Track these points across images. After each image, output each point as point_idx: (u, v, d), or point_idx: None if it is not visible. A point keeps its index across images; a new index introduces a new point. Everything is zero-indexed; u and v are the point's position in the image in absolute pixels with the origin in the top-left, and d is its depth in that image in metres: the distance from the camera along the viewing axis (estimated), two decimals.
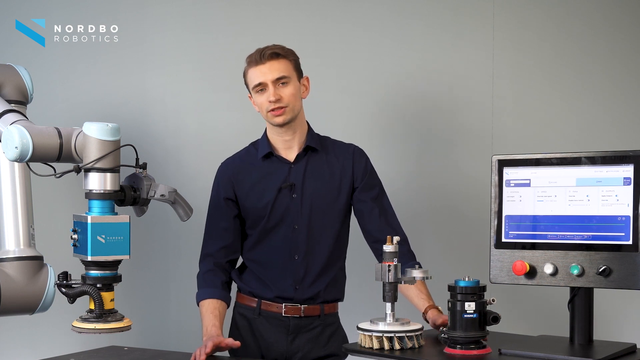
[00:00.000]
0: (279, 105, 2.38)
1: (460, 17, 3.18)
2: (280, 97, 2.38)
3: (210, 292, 2.41)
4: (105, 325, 1.99)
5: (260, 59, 2.38)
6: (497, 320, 1.96)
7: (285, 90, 2.39)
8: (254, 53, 2.41)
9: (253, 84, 2.41)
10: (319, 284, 2.45)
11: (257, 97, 2.41)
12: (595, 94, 3.19)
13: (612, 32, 3.18)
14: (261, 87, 2.39)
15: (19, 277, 2.25)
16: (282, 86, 2.39)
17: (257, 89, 2.40)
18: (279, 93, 2.38)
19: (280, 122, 2.40)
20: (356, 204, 2.49)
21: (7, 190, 2.34)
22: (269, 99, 2.37)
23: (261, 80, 2.38)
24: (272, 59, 2.38)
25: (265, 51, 2.38)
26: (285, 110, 2.39)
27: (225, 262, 2.48)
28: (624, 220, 1.93)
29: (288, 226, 2.44)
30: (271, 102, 2.37)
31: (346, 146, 2.53)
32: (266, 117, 2.42)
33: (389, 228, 2.44)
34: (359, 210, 2.49)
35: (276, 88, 2.37)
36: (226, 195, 2.48)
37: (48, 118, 2.56)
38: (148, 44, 3.18)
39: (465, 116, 3.19)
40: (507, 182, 2.09)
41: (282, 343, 2.45)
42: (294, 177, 2.46)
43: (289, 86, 2.40)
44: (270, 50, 2.39)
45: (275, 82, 2.38)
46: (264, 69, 2.38)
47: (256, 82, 2.39)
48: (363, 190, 2.48)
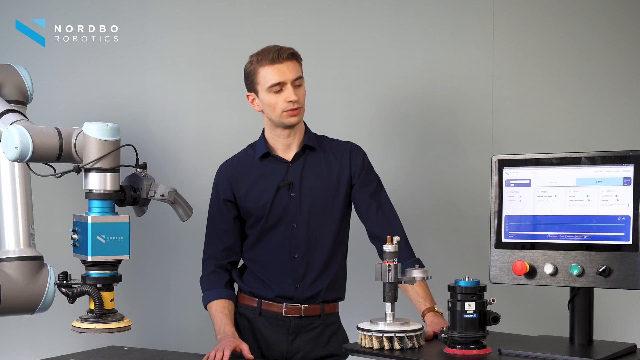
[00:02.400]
0: (298, 105, 2.37)
1: (460, 17, 3.18)
2: (298, 97, 2.37)
3: (217, 292, 2.42)
4: (105, 325, 1.99)
5: (278, 58, 2.35)
6: (497, 320, 1.96)
7: (300, 91, 2.39)
8: (267, 51, 2.37)
9: (269, 83, 2.36)
10: (319, 283, 2.45)
11: (271, 97, 2.37)
12: (595, 94, 3.19)
13: (612, 32, 3.18)
14: (280, 87, 2.36)
15: (19, 277, 2.25)
16: (297, 87, 2.38)
17: (274, 88, 2.36)
18: (298, 93, 2.37)
19: (295, 122, 2.40)
20: (354, 200, 2.49)
21: (7, 190, 2.34)
22: (288, 99, 2.35)
23: (281, 80, 2.35)
24: (290, 59, 2.37)
25: (282, 51, 2.36)
26: (300, 111, 2.39)
27: (227, 263, 2.50)
28: (624, 221, 1.93)
29: (287, 225, 2.44)
30: (290, 102, 2.36)
31: (343, 144, 2.53)
32: (279, 117, 2.39)
33: (386, 224, 2.43)
34: (357, 207, 2.49)
35: (295, 88, 2.37)
36: (225, 197, 2.48)
37: (48, 118, 2.56)
38: (148, 44, 3.18)
39: (465, 116, 3.19)
40: (507, 182, 2.08)
41: (283, 343, 2.46)
42: (292, 176, 2.45)
43: (302, 87, 2.40)
44: (288, 50, 2.37)
45: (294, 82, 2.37)
46: (283, 68, 2.36)
47: (274, 81, 2.35)
48: (360, 186, 2.47)
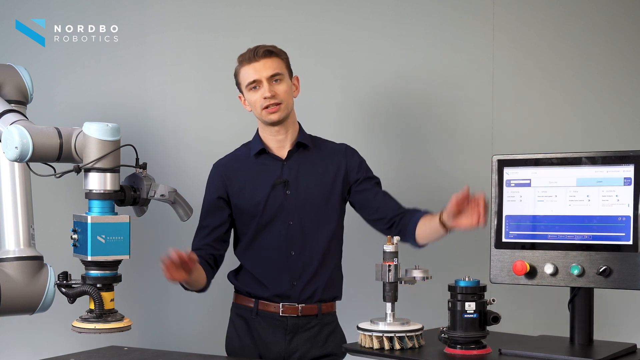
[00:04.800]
0: (275, 101, 2.38)
1: (460, 17, 3.18)
2: (275, 93, 2.38)
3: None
4: (105, 325, 1.99)
5: (253, 57, 2.38)
6: (497, 320, 1.96)
7: (279, 87, 2.39)
8: (246, 52, 2.42)
9: (246, 82, 2.40)
10: (316, 281, 2.45)
11: (251, 95, 2.41)
12: (595, 94, 3.19)
13: (612, 32, 3.18)
14: (255, 85, 2.39)
15: (19, 277, 2.25)
16: (276, 83, 2.39)
17: (250, 86, 2.40)
18: (274, 89, 2.38)
19: (276, 119, 2.40)
20: (357, 195, 2.48)
21: (7, 190, 2.34)
22: (263, 95, 2.38)
23: (255, 77, 2.38)
24: (266, 57, 2.39)
25: (258, 49, 2.39)
26: (280, 107, 2.39)
27: (208, 255, 2.44)
28: (624, 221, 1.93)
29: (283, 222, 2.44)
30: (266, 98, 2.37)
31: (338, 145, 2.54)
32: (260, 115, 2.42)
33: (396, 203, 2.45)
34: (363, 200, 2.48)
35: (271, 85, 2.38)
36: (218, 194, 2.48)
37: (48, 118, 2.56)
38: (148, 44, 3.18)
39: (465, 116, 3.19)
40: (507, 182, 2.09)
41: (280, 343, 2.45)
42: (287, 173, 2.46)
43: (282, 83, 2.40)
44: (263, 48, 2.39)
45: (270, 79, 2.38)
46: (258, 66, 2.38)
47: (250, 79, 2.39)
48: (363, 181, 2.48)
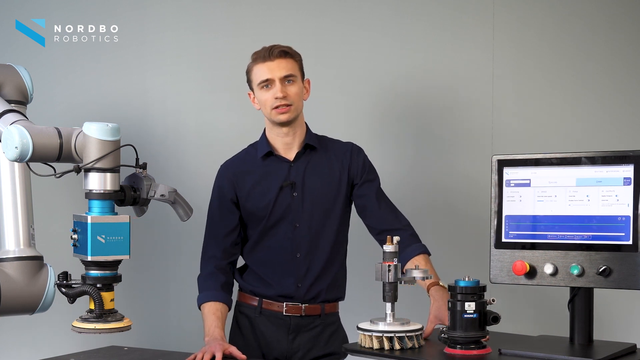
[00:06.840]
0: (285, 102, 2.38)
1: (460, 17, 3.18)
2: (286, 94, 2.38)
3: (213, 295, 2.40)
4: (105, 325, 1.99)
5: (268, 56, 2.38)
6: (497, 320, 1.96)
7: (291, 88, 2.39)
8: (261, 50, 2.41)
9: (259, 80, 2.40)
10: (320, 283, 2.45)
11: (262, 93, 2.40)
12: (595, 94, 3.19)
13: (612, 32, 3.18)
14: (267, 83, 2.39)
15: (19, 277, 2.25)
16: (288, 84, 2.39)
17: (262, 84, 2.39)
18: (286, 90, 2.38)
19: (285, 120, 2.40)
20: (357, 199, 2.49)
21: (7, 190, 2.34)
22: (275, 95, 2.37)
23: (269, 77, 2.38)
24: (281, 57, 2.39)
25: (274, 49, 2.39)
26: (290, 109, 2.40)
27: (226, 263, 2.48)
28: (624, 221, 1.93)
29: (289, 224, 2.44)
30: (277, 98, 2.37)
31: (344, 144, 2.54)
32: (269, 114, 2.42)
33: (394, 218, 2.45)
34: (361, 205, 2.49)
35: (283, 85, 2.38)
36: (227, 196, 2.48)
37: (48, 118, 2.56)
38: (148, 44, 3.18)
39: (465, 116, 3.19)
40: (507, 182, 2.08)
41: (283, 342, 2.46)
42: (295, 175, 2.46)
43: (294, 85, 2.40)
44: (279, 48, 2.39)
45: (283, 79, 2.38)
46: (272, 65, 2.38)
47: (263, 78, 2.39)
48: (363, 185, 2.48)
